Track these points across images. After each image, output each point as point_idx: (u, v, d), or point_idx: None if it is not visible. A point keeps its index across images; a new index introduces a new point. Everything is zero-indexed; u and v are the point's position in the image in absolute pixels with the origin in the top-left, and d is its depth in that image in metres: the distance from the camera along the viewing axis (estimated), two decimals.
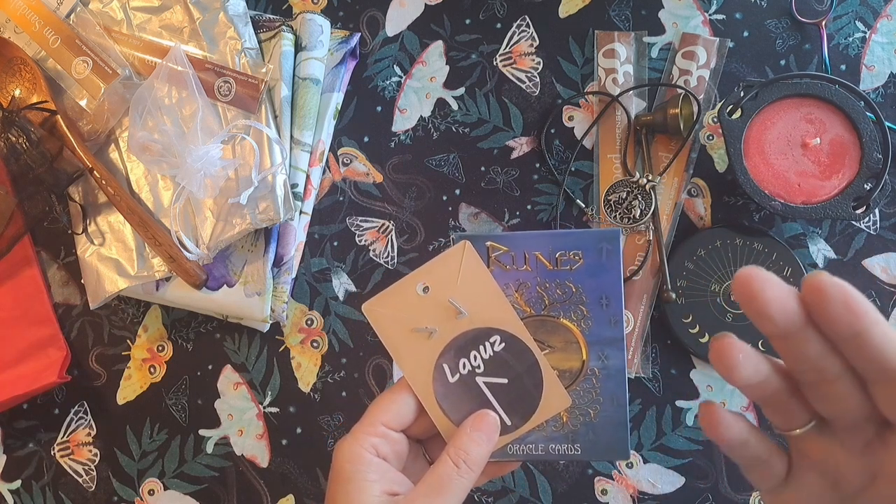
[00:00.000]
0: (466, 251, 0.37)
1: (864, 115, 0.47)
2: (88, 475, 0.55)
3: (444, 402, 0.37)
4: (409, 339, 0.37)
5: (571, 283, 0.37)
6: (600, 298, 0.37)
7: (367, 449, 0.34)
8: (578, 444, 0.37)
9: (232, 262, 0.52)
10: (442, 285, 0.37)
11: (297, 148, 0.52)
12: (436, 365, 0.37)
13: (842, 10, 0.52)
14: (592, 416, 0.37)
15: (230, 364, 0.54)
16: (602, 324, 0.37)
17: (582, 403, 0.37)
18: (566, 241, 0.37)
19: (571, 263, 0.37)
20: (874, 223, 0.51)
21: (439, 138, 0.55)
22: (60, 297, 0.57)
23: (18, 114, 0.51)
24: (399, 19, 0.56)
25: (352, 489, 0.33)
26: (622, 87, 0.52)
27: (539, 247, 0.37)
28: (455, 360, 0.37)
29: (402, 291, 0.37)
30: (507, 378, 0.37)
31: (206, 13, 0.53)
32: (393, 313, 0.37)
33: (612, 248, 0.37)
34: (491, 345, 0.37)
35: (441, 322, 0.37)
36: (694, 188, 0.52)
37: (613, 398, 0.37)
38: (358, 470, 0.33)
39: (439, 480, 0.33)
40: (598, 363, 0.37)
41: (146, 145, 0.51)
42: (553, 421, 0.37)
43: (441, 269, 0.37)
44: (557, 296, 0.37)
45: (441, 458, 0.34)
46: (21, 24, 0.55)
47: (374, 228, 0.54)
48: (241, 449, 0.54)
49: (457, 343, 0.37)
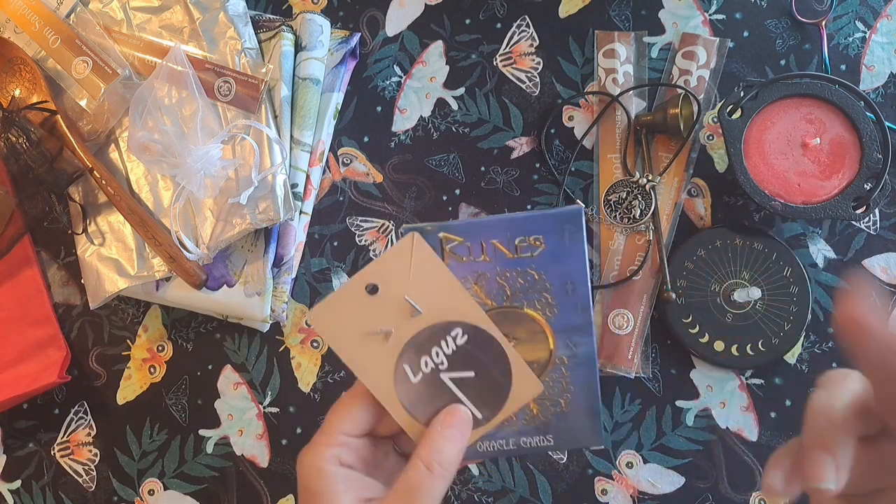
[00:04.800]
0: (416, 243, 0.34)
1: (864, 115, 0.47)
2: (88, 475, 0.55)
3: (410, 404, 0.35)
4: (363, 343, 0.35)
5: (534, 271, 0.35)
6: (565, 284, 0.35)
7: (329, 461, 0.32)
8: (551, 434, 0.36)
9: (232, 262, 0.52)
10: (393, 282, 0.34)
11: (297, 148, 0.52)
12: (396, 367, 0.35)
13: (842, 10, 0.52)
14: (563, 405, 0.36)
15: (230, 364, 0.55)
16: (568, 311, 0.35)
17: (552, 394, 0.36)
18: (525, 225, 0.34)
19: (532, 249, 0.35)
20: (874, 223, 0.51)
21: (439, 138, 0.55)
22: (60, 297, 0.57)
23: (18, 114, 0.51)
24: (399, 19, 0.56)
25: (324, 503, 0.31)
26: (622, 87, 0.52)
27: (496, 234, 0.34)
28: (416, 358, 0.35)
29: (349, 294, 0.34)
30: (474, 371, 0.35)
31: (206, 13, 0.53)
32: (343, 319, 0.34)
33: (574, 228, 0.34)
34: (453, 339, 0.35)
35: (397, 321, 0.34)
36: (694, 188, 0.52)
37: (584, 386, 0.36)
38: (325, 484, 0.32)
39: (411, 486, 0.31)
40: (566, 351, 0.36)
41: (146, 145, 0.51)
42: (523, 414, 0.36)
43: (390, 265, 0.34)
44: (519, 285, 0.35)
45: (411, 463, 0.32)
46: (21, 24, 0.55)
47: (374, 228, 0.54)
48: (241, 449, 0.54)
49: (416, 341, 0.35)
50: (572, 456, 0.51)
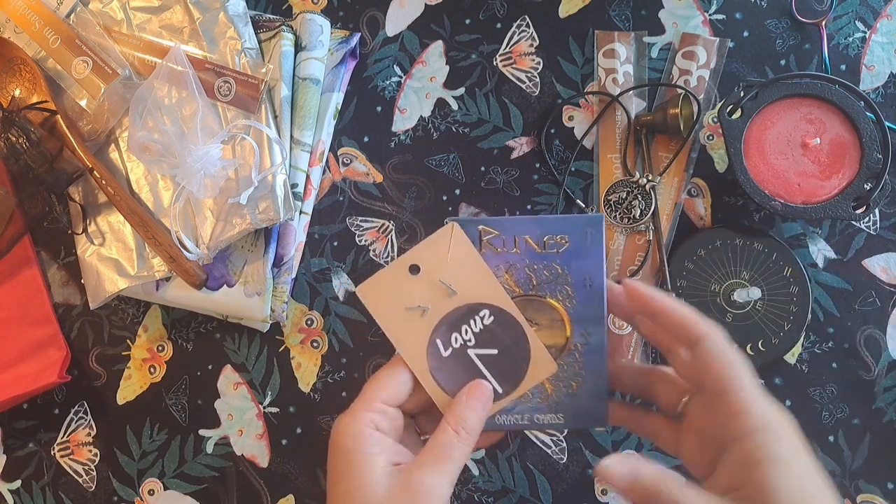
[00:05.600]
0: (455, 232, 0.39)
1: (864, 115, 0.47)
2: (88, 475, 0.55)
3: (439, 376, 0.39)
4: (402, 317, 0.39)
5: (558, 265, 0.40)
6: (584, 279, 0.39)
7: (367, 425, 0.35)
8: (561, 413, 0.40)
9: (232, 262, 0.52)
10: (433, 265, 0.39)
11: (297, 148, 0.52)
12: (429, 341, 0.39)
13: (842, 10, 0.52)
14: (574, 387, 0.40)
15: (230, 364, 0.55)
16: (585, 303, 0.40)
17: (565, 376, 0.40)
18: (554, 225, 0.39)
19: (558, 247, 0.39)
20: (874, 223, 0.51)
21: (439, 138, 0.55)
22: (60, 297, 0.57)
23: (18, 114, 0.51)
24: (399, 19, 0.56)
25: (357, 462, 0.34)
26: (622, 87, 0.52)
27: (528, 231, 0.39)
28: (447, 334, 0.39)
29: (394, 273, 0.39)
30: (497, 349, 0.39)
31: (206, 13, 0.53)
32: (386, 294, 0.39)
33: (596, 232, 0.39)
34: (481, 319, 0.39)
35: (433, 300, 0.39)
36: (694, 188, 0.52)
37: (595, 371, 0.40)
38: (360, 444, 0.35)
39: (442, 447, 0.35)
40: (581, 339, 0.40)
41: (146, 145, 0.51)
42: (538, 393, 0.40)
43: (431, 250, 0.39)
44: (545, 277, 0.40)
45: (441, 428, 0.36)
46: (21, 24, 0.55)
47: (374, 228, 0.54)
48: (241, 449, 0.54)
49: (448, 319, 0.39)
50: (572, 456, 0.51)
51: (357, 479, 0.34)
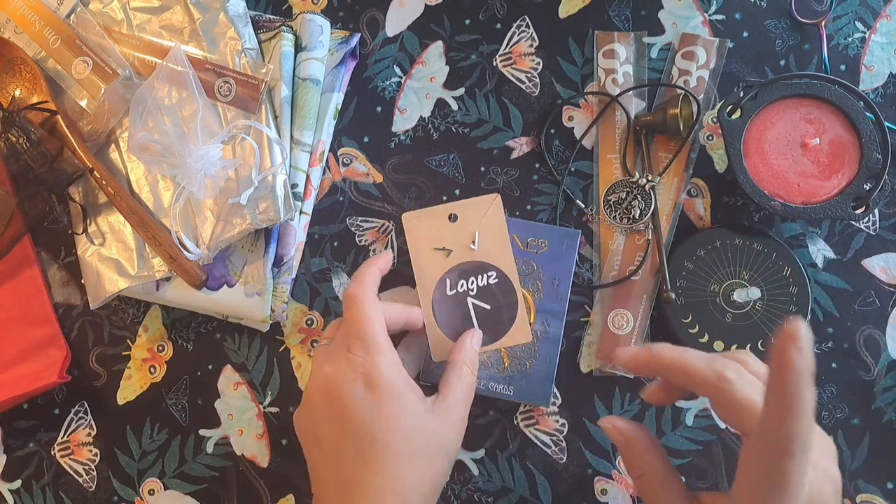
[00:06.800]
0: (495, 202, 0.48)
1: (864, 115, 0.47)
2: (88, 475, 0.55)
3: (437, 308, 0.47)
4: (429, 252, 0.48)
5: (534, 263, 0.49)
6: (554, 279, 0.49)
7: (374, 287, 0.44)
8: (513, 387, 0.48)
9: (232, 262, 0.53)
10: (468, 220, 0.48)
11: (297, 148, 0.52)
12: (441, 277, 0.48)
13: (841, 11, 0.52)
14: (528, 367, 0.48)
15: (230, 364, 0.55)
16: (551, 298, 0.49)
17: (522, 356, 0.49)
18: (538, 231, 0.49)
19: (538, 248, 0.49)
20: (874, 223, 0.51)
21: (439, 138, 0.55)
22: (60, 297, 0.57)
23: (18, 114, 0.51)
24: (399, 19, 0.56)
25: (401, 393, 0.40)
26: (622, 87, 0.52)
27: (517, 231, 0.49)
28: (457, 279, 0.48)
29: (437, 213, 0.48)
30: (491, 306, 0.48)
31: (206, 13, 0.53)
32: (424, 227, 0.48)
33: (571, 244, 0.49)
34: (487, 277, 0.48)
35: (456, 247, 0.48)
36: (694, 188, 0.52)
37: (546, 358, 0.49)
38: (364, 293, 0.43)
39: (462, 381, 0.43)
40: (541, 327, 0.49)
41: (146, 145, 0.51)
42: (497, 363, 0.49)
43: (471, 208, 0.48)
44: (522, 269, 0.49)
45: (452, 365, 0.44)
46: (21, 24, 0.55)
47: (374, 228, 0.54)
48: (242, 449, 0.54)
49: (462, 267, 0.48)
50: (572, 456, 0.51)
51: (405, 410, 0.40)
